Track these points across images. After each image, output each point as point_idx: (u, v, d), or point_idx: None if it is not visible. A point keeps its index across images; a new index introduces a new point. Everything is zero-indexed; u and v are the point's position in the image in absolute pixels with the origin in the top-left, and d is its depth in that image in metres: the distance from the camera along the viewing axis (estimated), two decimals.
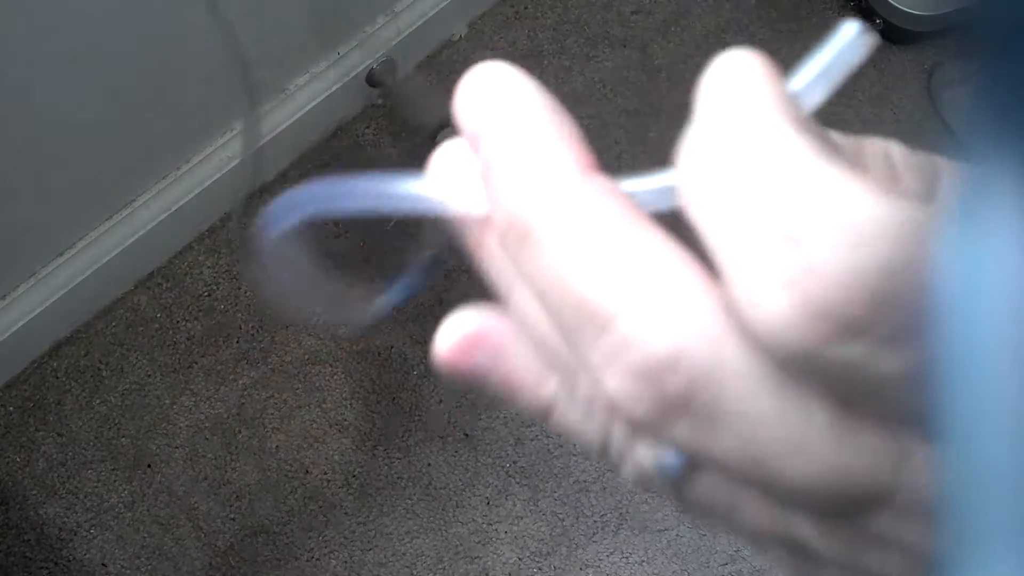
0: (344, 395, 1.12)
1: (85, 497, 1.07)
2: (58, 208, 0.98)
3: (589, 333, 0.17)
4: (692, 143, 0.16)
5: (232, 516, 1.07)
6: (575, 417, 0.20)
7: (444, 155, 0.19)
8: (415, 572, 1.06)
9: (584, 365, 0.17)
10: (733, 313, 0.16)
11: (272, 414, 1.11)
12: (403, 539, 1.07)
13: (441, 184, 0.19)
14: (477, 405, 1.11)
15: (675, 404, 0.16)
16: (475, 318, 0.20)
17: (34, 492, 1.07)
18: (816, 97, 0.18)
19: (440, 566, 1.07)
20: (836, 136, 0.20)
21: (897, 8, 1.22)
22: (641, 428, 0.17)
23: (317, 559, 1.06)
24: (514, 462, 1.10)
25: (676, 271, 0.16)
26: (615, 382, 0.16)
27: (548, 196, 0.17)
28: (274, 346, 1.13)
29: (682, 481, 0.20)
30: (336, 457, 1.10)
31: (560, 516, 1.09)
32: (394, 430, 1.11)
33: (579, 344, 0.17)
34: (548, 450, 1.11)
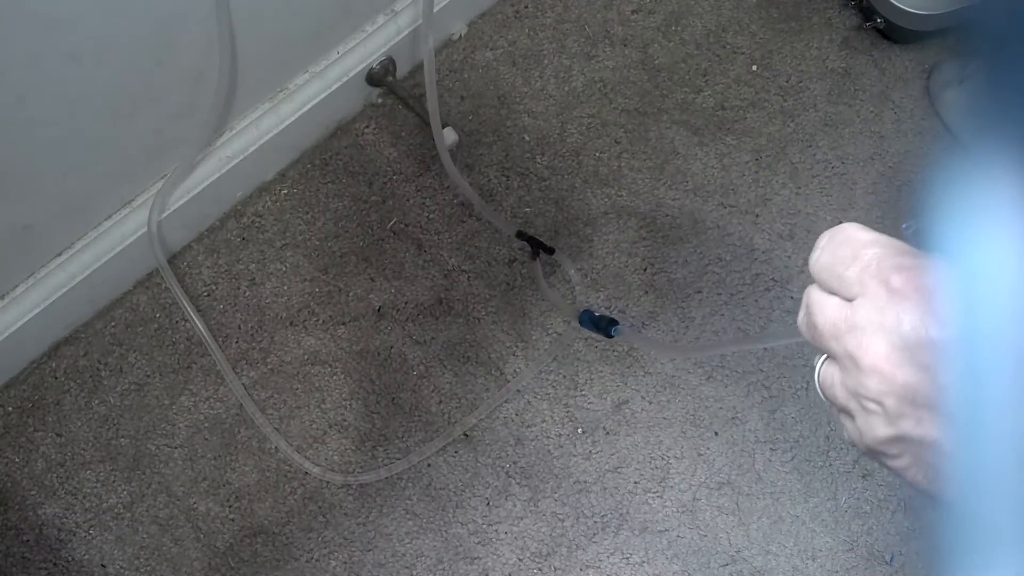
0: (344, 395, 1.12)
1: (84, 498, 1.07)
2: (57, 208, 0.98)
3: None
4: None
5: (231, 517, 1.07)
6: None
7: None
8: (415, 573, 1.06)
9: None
10: None
11: (271, 414, 1.10)
12: (403, 540, 1.07)
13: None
14: (477, 405, 1.11)
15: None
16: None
17: (33, 492, 1.07)
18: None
19: (440, 567, 1.06)
20: None
21: (898, 7, 1.22)
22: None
23: (316, 560, 1.06)
24: (514, 462, 1.10)
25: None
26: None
27: None
28: (273, 346, 1.13)
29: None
30: (336, 458, 1.09)
31: (560, 517, 1.08)
32: (394, 431, 1.10)
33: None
34: (548, 451, 1.10)
